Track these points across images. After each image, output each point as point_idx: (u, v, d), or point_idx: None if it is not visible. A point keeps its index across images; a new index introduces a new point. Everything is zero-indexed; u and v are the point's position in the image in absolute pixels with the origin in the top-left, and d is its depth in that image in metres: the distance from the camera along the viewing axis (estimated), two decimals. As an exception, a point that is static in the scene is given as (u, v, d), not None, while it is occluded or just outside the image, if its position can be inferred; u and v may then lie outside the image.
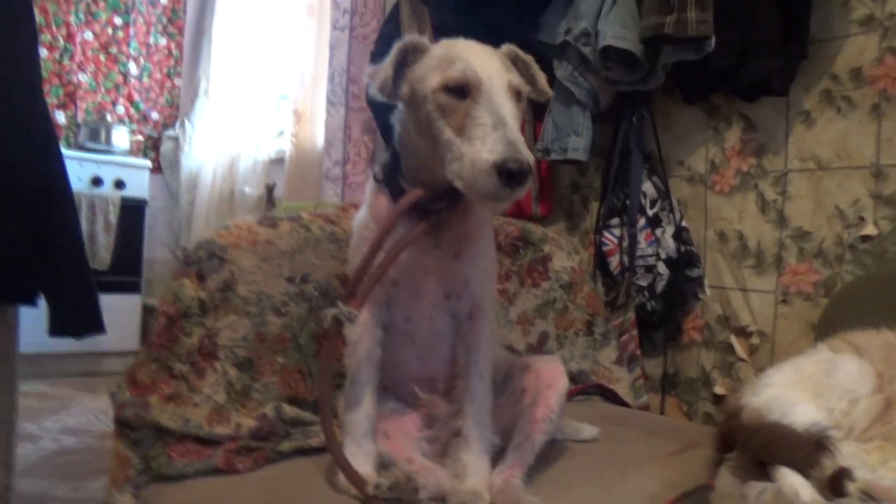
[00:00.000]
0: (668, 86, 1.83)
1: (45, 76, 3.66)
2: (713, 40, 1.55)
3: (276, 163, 3.44)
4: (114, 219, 3.43)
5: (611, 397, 1.62)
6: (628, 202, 1.86)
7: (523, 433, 1.05)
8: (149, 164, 3.70)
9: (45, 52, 3.65)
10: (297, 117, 3.11)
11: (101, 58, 3.89)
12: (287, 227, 1.22)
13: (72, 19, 3.74)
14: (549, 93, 1.05)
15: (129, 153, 3.77)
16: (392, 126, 1.05)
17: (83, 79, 3.82)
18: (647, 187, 1.86)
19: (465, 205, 1.01)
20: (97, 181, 3.41)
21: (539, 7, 1.95)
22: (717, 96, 1.79)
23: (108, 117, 3.91)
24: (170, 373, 1.03)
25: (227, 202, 3.59)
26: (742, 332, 1.72)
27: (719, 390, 1.74)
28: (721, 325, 1.77)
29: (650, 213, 1.84)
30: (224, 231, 1.15)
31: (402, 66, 0.97)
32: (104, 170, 3.45)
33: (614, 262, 1.88)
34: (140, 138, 4.05)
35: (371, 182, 1.07)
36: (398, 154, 1.04)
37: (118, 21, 3.93)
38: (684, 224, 1.81)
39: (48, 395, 2.96)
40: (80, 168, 3.37)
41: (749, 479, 0.93)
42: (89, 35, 3.83)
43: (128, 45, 3.98)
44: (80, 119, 3.77)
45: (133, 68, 4.03)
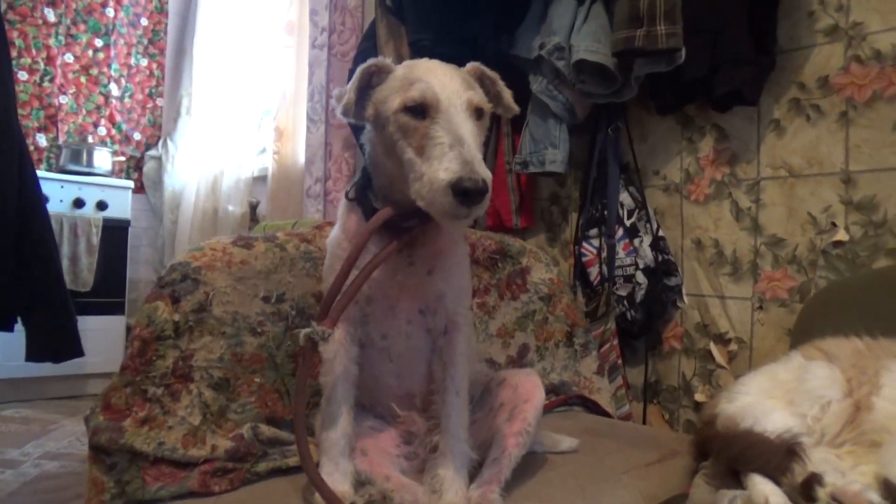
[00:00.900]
0: (643, 97, 1.85)
1: (26, 99, 3.66)
2: (683, 52, 1.58)
3: (259, 180, 3.45)
4: (96, 240, 3.42)
5: (592, 408, 1.63)
6: (606, 213, 1.88)
7: (500, 447, 1.06)
8: (131, 184, 3.69)
9: (24, 76, 3.65)
10: (278, 135, 3.12)
11: (82, 80, 3.89)
12: (262, 246, 1.22)
13: (52, 42, 3.73)
14: (514, 109, 1.06)
15: (112, 174, 3.76)
16: (363, 146, 1.07)
17: (64, 101, 3.81)
18: (625, 197, 1.87)
19: (436, 222, 1.02)
20: (79, 203, 3.40)
21: (513, 23, 1.97)
22: (690, 107, 1.81)
23: (90, 139, 3.90)
24: (144, 396, 1.03)
25: (211, 220, 3.58)
26: (720, 339, 1.74)
27: (700, 398, 1.75)
28: (700, 333, 1.78)
29: (628, 223, 1.85)
30: (198, 252, 1.15)
31: (367, 87, 0.98)
32: (86, 191, 3.44)
33: (594, 272, 1.89)
34: (122, 159, 4.04)
35: (343, 201, 1.08)
36: (369, 173, 1.05)
37: (98, 43, 3.94)
38: (661, 233, 1.83)
39: (31, 420, 2.92)
40: (61, 190, 3.36)
41: (722, 488, 0.93)
42: (69, 57, 3.83)
43: (109, 66, 3.98)
44: (61, 141, 3.76)
45: (114, 89, 4.03)
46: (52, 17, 3.73)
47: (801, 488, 0.91)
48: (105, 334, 3.41)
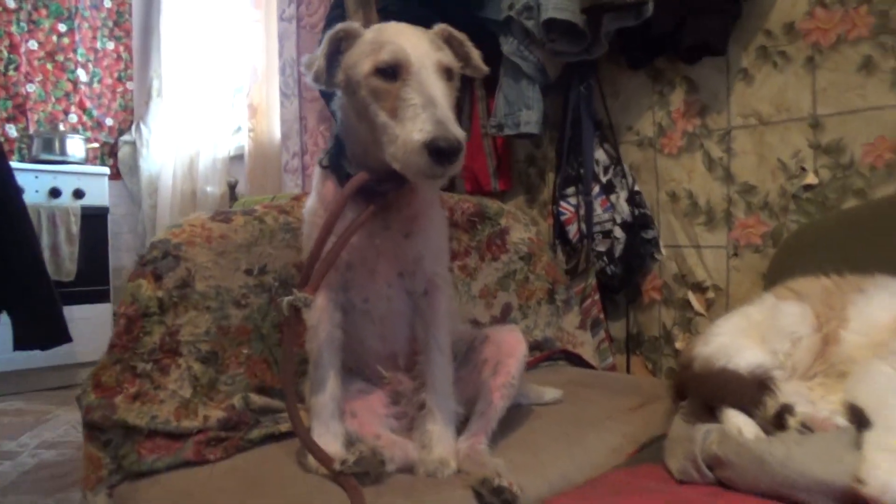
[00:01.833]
0: (614, 54, 1.86)
1: (-8, 89, 3.59)
2: (651, 5, 1.59)
3: (236, 159, 3.42)
4: (76, 229, 3.40)
5: (576, 361, 1.67)
6: (582, 171, 1.90)
7: (486, 401, 1.09)
8: (107, 170, 3.65)
9: (-12, 65, 3.58)
10: (252, 112, 3.09)
11: (49, 67, 3.81)
12: (241, 220, 1.23)
13: (13, 29, 3.65)
14: (483, 69, 1.06)
15: (86, 161, 3.72)
16: (335, 113, 1.07)
17: (31, 89, 3.74)
18: (600, 154, 1.89)
19: (411, 185, 1.03)
20: (55, 192, 3.37)
21: (481, -16, 1.96)
22: (660, 60, 1.82)
23: (61, 127, 3.84)
24: (133, 372, 1.05)
25: (190, 203, 3.56)
26: (698, 288, 1.78)
27: (680, 346, 1.80)
28: (678, 283, 1.82)
29: (604, 179, 1.88)
30: (177, 229, 1.16)
31: (336, 53, 0.98)
32: (61, 180, 3.40)
33: (573, 230, 1.92)
34: (96, 146, 3.99)
35: (318, 169, 1.09)
36: (342, 140, 1.06)
37: (62, 28, 3.85)
38: (637, 188, 1.86)
39: (25, 411, 2.94)
40: (36, 181, 3.32)
41: (699, 424, 0.97)
42: (34, 44, 3.75)
43: (74, 51, 3.90)
44: (31, 131, 3.70)
45: (82, 75, 3.96)
46: (11, 4, 3.64)
47: (774, 419, 0.95)
48: (92, 322, 3.40)
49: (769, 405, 0.96)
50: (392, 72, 0.90)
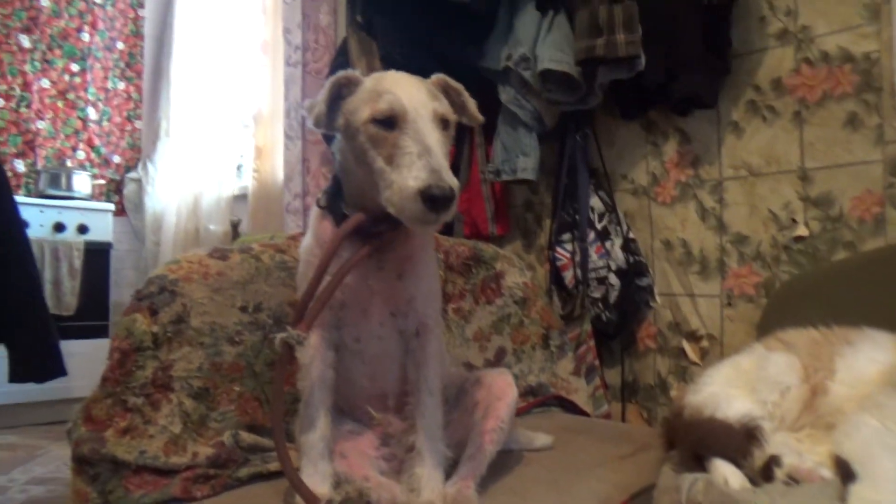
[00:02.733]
0: (608, 104, 1.91)
1: (3, 125, 3.66)
2: (643, 59, 1.64)
3: (240, 198, 3.47)
4: (78, 263, 3.42)
5: (570, 408, 1.66)
6: (578, 217, 1.93)
7: (475, 444, 1.09)
8: (112, 207, 3.69)
9: (1, 102, 3.65)
10: (257, 152, 3.15)
11: (59, 104, 3.90)
12: (238, 258, 1.25)
13: (27, 68, 3.75)
14: (479, 118, 1.10)
15: (92, 197, 3.77)
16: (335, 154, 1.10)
17: (42, 126, 3.82)
18: (595, 202, 1.93)
19: (405, 227, 1.05)
20: (60, 227, 3.40)
21: (481, 36, 2.03)
22: (653, 112, 1.88)
23: (69, 163, 3.90)
24: (124, 406, 1.05)
25: (193, 240, 3.60)
26: (693, 337, 1.79)
27: (675, 395, 1.79)
28: (673, 331, 1.83)
29: (599, 226, 1.90)
30: (174, 265, 1.18)
31: (337, 98, 1.02)
32: (66, 215, 3.44)
33: (568, 275, 1.94)
34: (102, 182, 4.05)
35: (315, 209, 1.11)
36: (340, 181, 1.09)
37: (75, 68, 3.95)
38: (631, 235, 1.88)
39: (17, 446, 2.91)
40: (41, 215, 3.36)
41: (686, 473, 0.97)
42: (46, 83, 3.84)
43: (86, 90, 4.00)
44: (39, 166, 3.76)
45: (92, 113, 4.04)
46: (27, 44, 3.75)
47: (762, 471, 0.95)
48: (89, 358, 3.36)
49: (757, 456, 0.96)
50: (389, 121, 0.94)
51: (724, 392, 1.13)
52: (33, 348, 1.69)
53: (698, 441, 1.05)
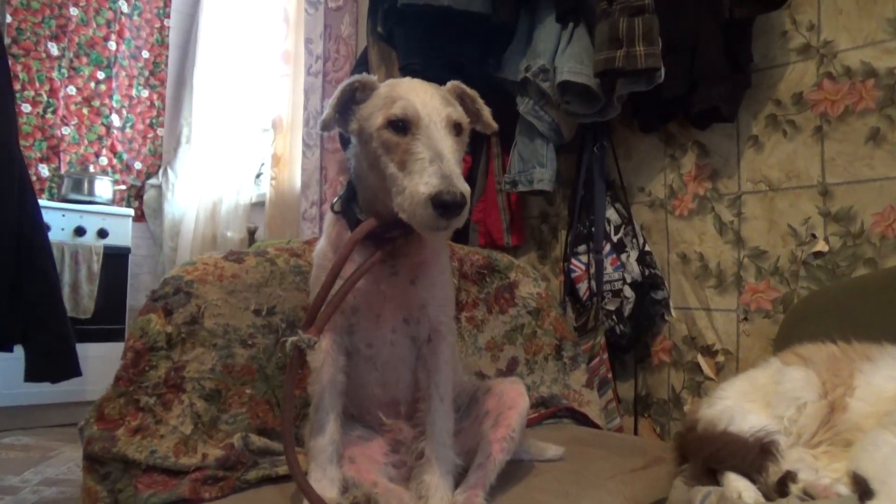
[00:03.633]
0: (626, 116, 1.91)
1: (29, 130, 3.74)
2: (662, 72, 1.63)
3: (258, 206, 3.51)
4: (97, 267, 3.46)
5: (581, 420, 1.65)
6: (594, 229, 1.92)
7: (485, 453, 1.08)
8: (132, 212, 3.75)
9: (28, 108, 3.73)
10: (275, 161, 3.18)
11: (84, 111, 3.97)
12: (253, 261, 1.26)
13: (55, 75, 3.82)
14: (493, 125, 1.10)
15: (112, 203, 3.82)
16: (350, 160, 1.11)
17: (66, 132, 3.89)
18: (611, 214, 1.92)
19: (418, 233, 1.06)
20: (80, 231, 3.45)
21: (500, 46, 2.03)
22: (672, 125, 1.86)
23: (91, 168, 3.97)
24: (136, 406, 1.06)
25: (210, 246, 3.63)
26: (708, 352, 1.76)
27: (689, 408, 1.77)
28: (688, 346, 1.81)
29: (615, 238, 1.89)
30: (190, 267, 1.19)
31: (350, 102, 1.03)
32: (87, 220, 3.50)
33: (583, 287, 1.92)
34: (123, 188, 4.11)
35: (329, 213, 1.12)
36: (354, 186, 1.09)
37: (101, 75, 4.03)
38: (647, 248, 1.87)
39: (31, 447, 2.94)
40: (63, 219, 3.41)
41: (698, 486, 0.96)
42: (72, 90, 3.92)
43: (110, 97, 4.07)
44: (63, 171, 3.83)
45: (116, 120, 4.11)
46: (55, 51, 3.83)
47: (777, 486, 0.93)
48: (105, 361, 3.42)
49: (772, 471, 0.95)
50: (402, 126, 0.94)
51: (739, 406, 1.11)
52: (50, 349, 1.71)
53: (712, 455, 1.03)
